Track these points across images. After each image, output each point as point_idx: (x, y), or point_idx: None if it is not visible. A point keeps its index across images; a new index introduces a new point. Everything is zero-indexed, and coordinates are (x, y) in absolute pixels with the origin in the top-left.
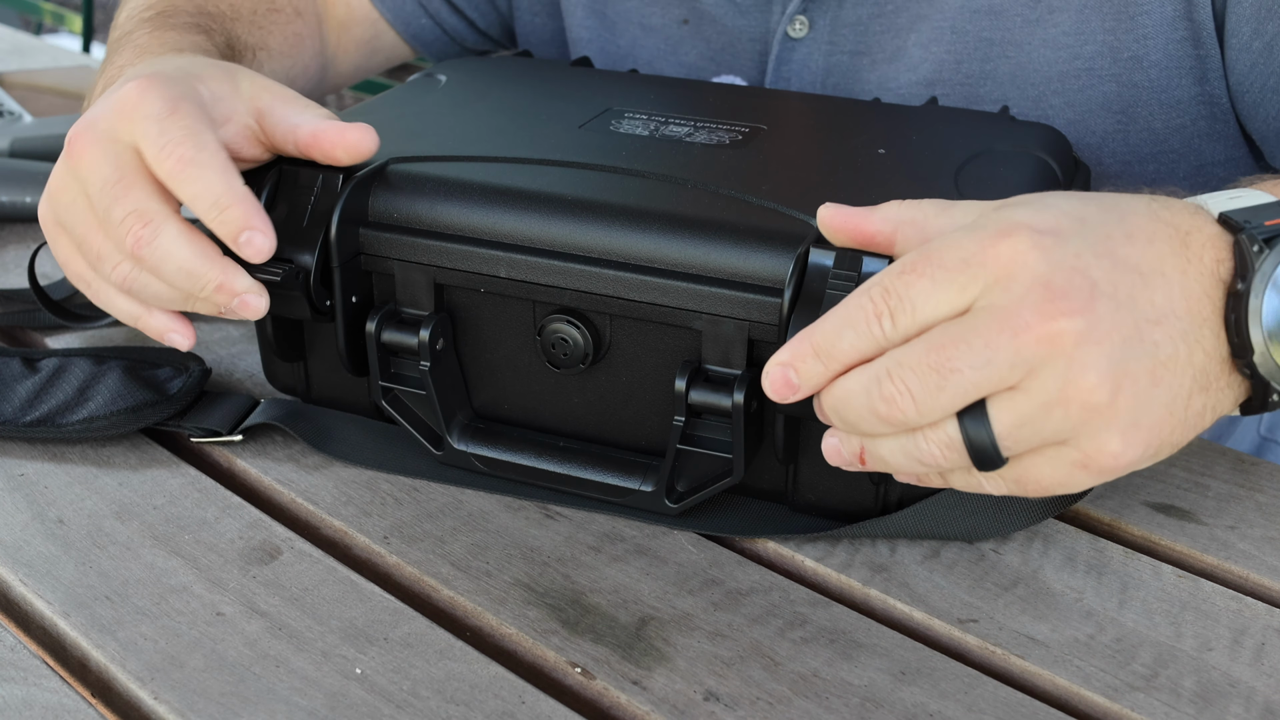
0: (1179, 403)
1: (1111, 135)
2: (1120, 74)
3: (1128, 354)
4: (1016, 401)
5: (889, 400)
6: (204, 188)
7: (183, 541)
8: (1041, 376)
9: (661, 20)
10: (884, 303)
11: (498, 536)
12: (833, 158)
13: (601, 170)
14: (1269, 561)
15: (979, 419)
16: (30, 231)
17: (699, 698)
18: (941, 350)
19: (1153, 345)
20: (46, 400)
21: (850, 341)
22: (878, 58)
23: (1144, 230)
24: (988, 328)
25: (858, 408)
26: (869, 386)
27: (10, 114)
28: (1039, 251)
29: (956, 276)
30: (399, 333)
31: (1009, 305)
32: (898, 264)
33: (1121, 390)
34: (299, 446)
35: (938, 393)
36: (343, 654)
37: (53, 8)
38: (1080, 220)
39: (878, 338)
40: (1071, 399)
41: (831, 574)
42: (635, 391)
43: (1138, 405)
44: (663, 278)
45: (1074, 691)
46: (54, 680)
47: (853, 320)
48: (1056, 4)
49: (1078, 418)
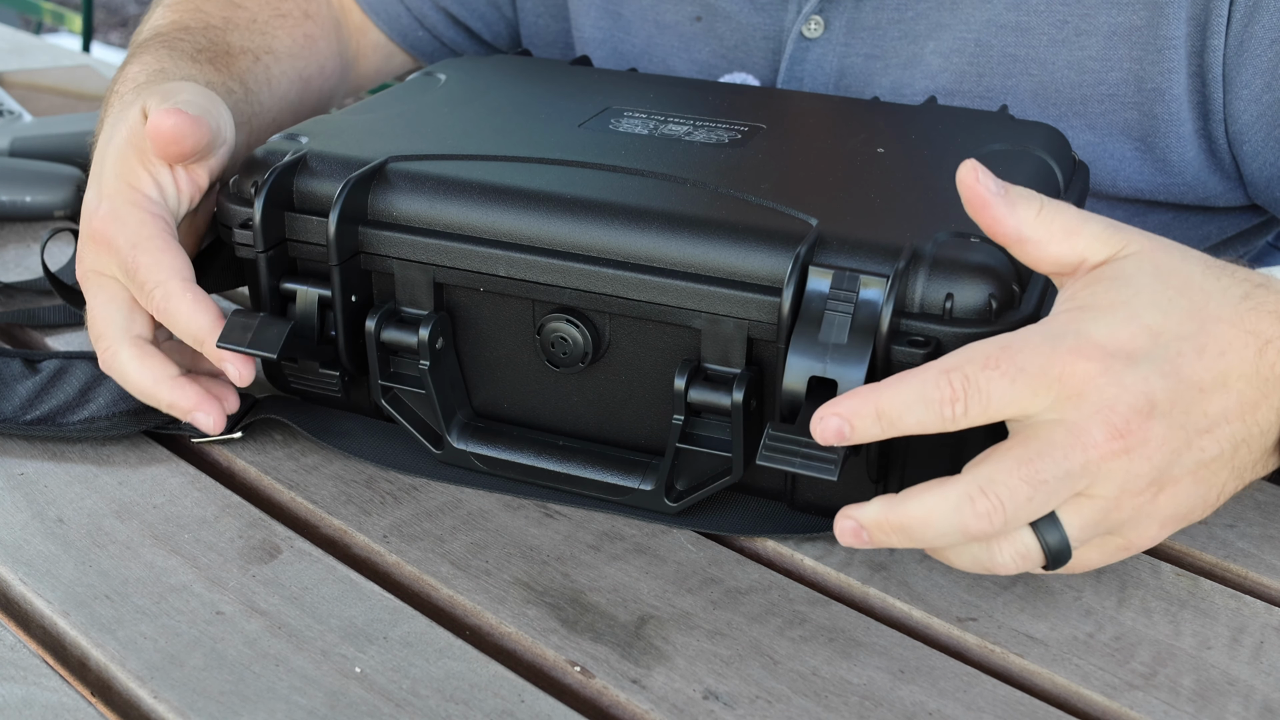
0: (1213, 492)
1: (1128, 160)
2: (1142, 103)
3: (1175, 462)
4: (1083, 507)
5: (983, 516)
6: (182, 329)
7: (182, 540)
8: (1104, 484)
9: (674, 17)
10: (963, 390)
11: (497, 535)
12: (832, 157)
13: (601, 169)
14: (1268, 560)
15: (1054, 527)
16: (30, 231)
17: (698, 696)
18: (1031, 464)
19: (1199, 451)
20: (47, 400)
21: (918, 417)
22: (892, 62)
23: (1219, 341)
24: (1065, 442)
25: (943, 525)
26: (960, 505)
27: (10, 113)
28: (1108, 377)
29: (1034, 383)
30: (398, 332)
31: (1080, 422)
32: (980, 355)
33: (1164, 491)
34: (299, 445)
35: (1027, 504)
36: (342, 653)
37: (52, 7)
38: (1156, 336)
39: (946, 420)
40: (1125, 504)
41: (831, 573)
42: (634, 390)
43: (1178, 502)
44: (662, 276)
45: (1073, 690)
46: (54, 679)
47: (927, 399)
48: (1085, 28)
49: (1128, 516)
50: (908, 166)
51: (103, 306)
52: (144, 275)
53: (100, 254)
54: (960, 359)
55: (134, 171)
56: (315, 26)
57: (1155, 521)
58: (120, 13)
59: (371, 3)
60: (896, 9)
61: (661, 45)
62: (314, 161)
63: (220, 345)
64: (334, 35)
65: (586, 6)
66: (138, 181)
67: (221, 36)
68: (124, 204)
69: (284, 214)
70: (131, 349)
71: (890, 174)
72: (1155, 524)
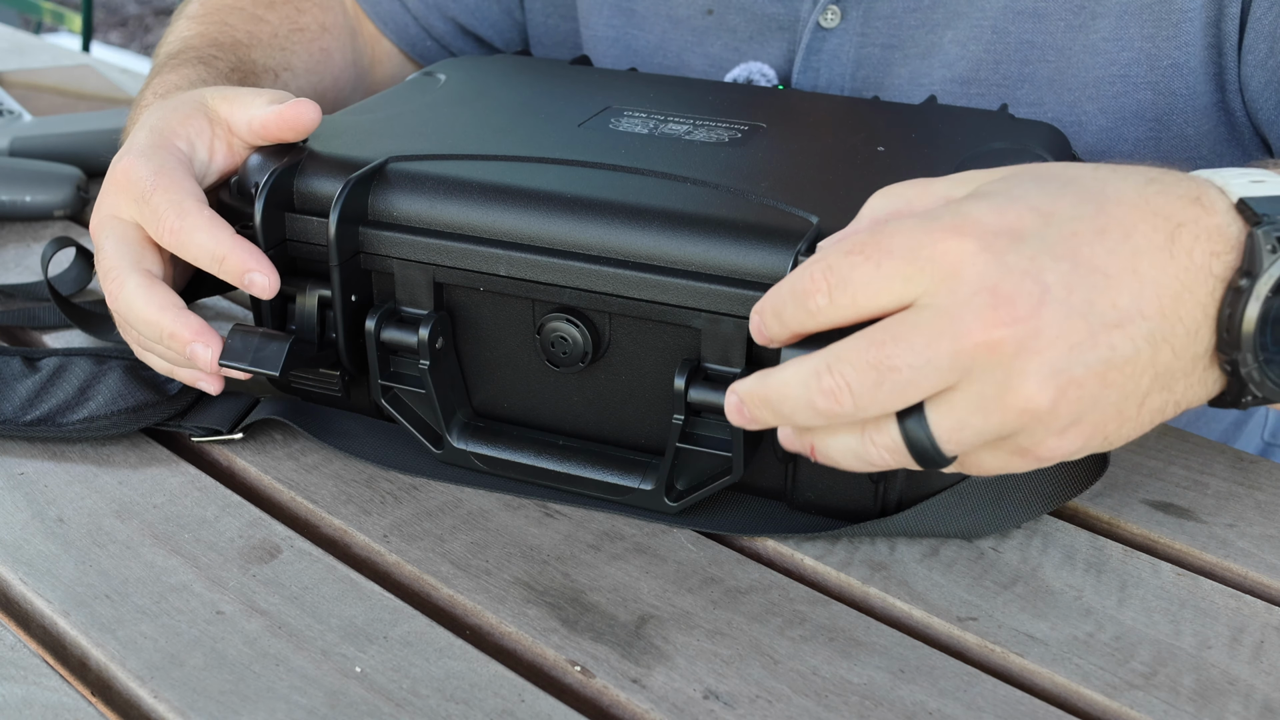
0: (1131, 401)
1: (1144, 143)
2: (1157, 81)
3: (1074, 360)
4: (954, 404)
5: (828, 394)
6: (199, 249)
7: (182, 540)
8: (980, 381)
9: (687, 11)
10: (824, 280)
11: (497, 535)
12: (831, 155)
13: (601, 168)
14: (1268, 559)
15: (919, 421)
16: (30, 230)
17: (698, 696)
18: (882, 347)
19: (1108, 349)
20: (47, 399)
21: (791, 312)
22: (910, 52)
23: (1122, 223)
24: (929, 329)
25: (794, 399)
26: (807, 380)
27: (10, 113)
28: (990, 255)
29: (902, 268)
30: (398, 331)
31: (952, 308)
32: (846, 241)
33: (1064, 396)
34: (299, 445)
35: (875, 389)
36: (342, 652)
37: (52, 6)
38: (1047, 216)
39: (814, 312)
40: (1010, 405)
41: (831, 572)
42: (635, 390)
43: (1081, 408)
44: (662, 275)
45: (1073, 689)
46: (54, 679)
47: (795, 291)
48: (1099, 9)
49: (1015, 422)
50: (908, 165)
51: (114, 245)
52: (160, 197)
53: (119, 196)
54: (825, 248)
55: (171, 129)
56: (331, 40)
57: (1053, 431)
58: (120, 12)
59: (381, 14)
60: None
61: (675, 40)
62: (314, 162)
63: (222, 363)
64: (349, 45)
65: (598, 5)
66: (173, 136)
67: (247, 54)
68: (152, 147)
69: (284, 214)
70: (140, 278)
71: (890, 172)
72: (1054, 435)
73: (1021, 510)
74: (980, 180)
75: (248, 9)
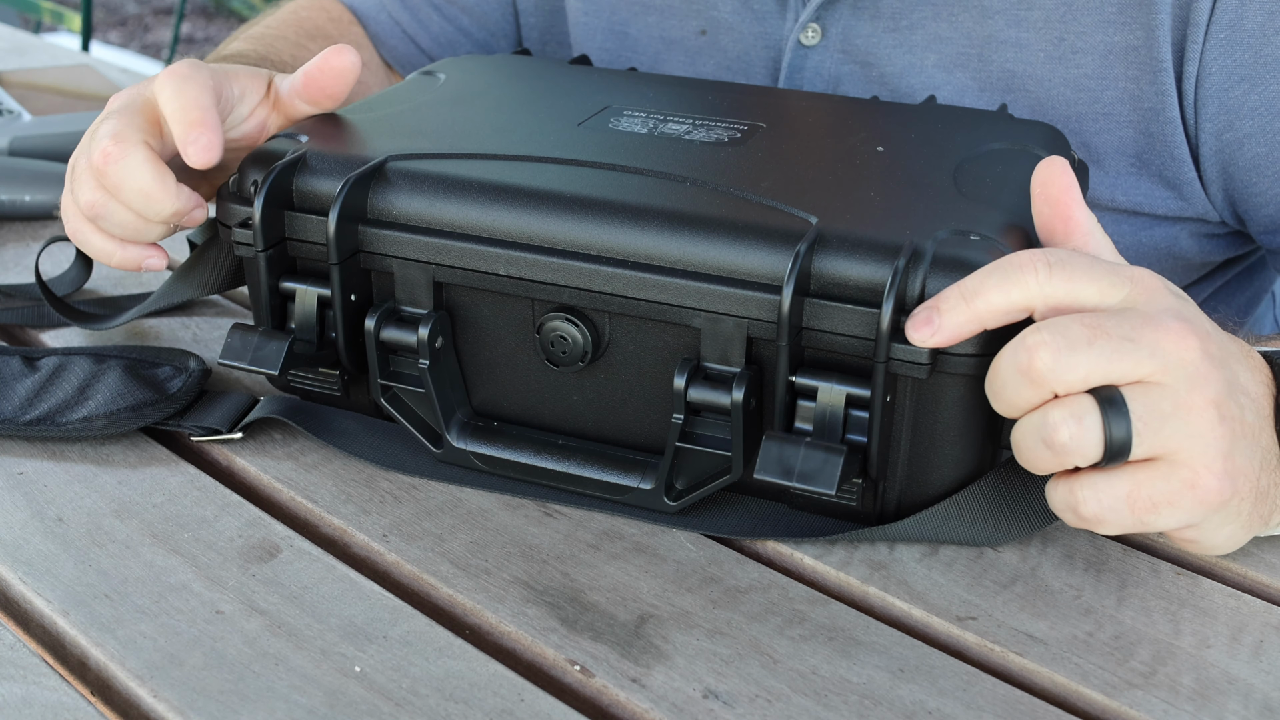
0: (1255, 460)
1: (1124, 175)
2: (1138, 121)
3: (1226, 393)
4: (1150, 392)
5: (1030, 349)
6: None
7: (182, 540)
8: (1174, 375)
9: (680, 32)
10: (1044, 259)
11: (497, 534)
12: (831, 155)
13: (600, 168)
14: (1267, 559)
15: (1120, 409)
16: (30, 230)
17: (698, 695)
18: (1095, 316)
19: (1239, 407)
20: (46, 399)
21: (995, 283)
22: (887, 71)
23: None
24: (1137, 315)
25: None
26: (1021, 337)
27: (9, 113)
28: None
29: (1111, 275)
30: (398, 331)
31: (1152, 311)
32: (1049, 250)
33: (1223, 421)
34: (298, 445)
35: (1088, 347)
36: (342, 652)
37: (52, 6)
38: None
39: (1028, 284)
40: (1193, 402)
41: (830, 572)
42: (634, 389)
43: (1234, 441)
44: (661, 275)
45: (1072, 689)
46: (53, 678)
47: (1002, 267)
48: (1081, 46)
49: (1192, 423)
50: (908, 164)
51: (126, 119)
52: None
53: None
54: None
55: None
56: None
57: (1215, 447)
58: (119, 12)
59: (396, 56)
60: (891, 18)
61: (668, 61)
62: (314, 160)
63: (221, 362)
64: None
65: (591, 31)
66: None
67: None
68: (210, 71)
69: (284, 213)
70: (145, 151)
71: (890, 172)
72: (1215, 450)
73: (1020, 524)
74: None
75: (292, 38)
